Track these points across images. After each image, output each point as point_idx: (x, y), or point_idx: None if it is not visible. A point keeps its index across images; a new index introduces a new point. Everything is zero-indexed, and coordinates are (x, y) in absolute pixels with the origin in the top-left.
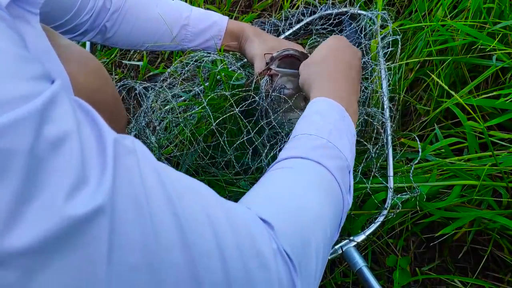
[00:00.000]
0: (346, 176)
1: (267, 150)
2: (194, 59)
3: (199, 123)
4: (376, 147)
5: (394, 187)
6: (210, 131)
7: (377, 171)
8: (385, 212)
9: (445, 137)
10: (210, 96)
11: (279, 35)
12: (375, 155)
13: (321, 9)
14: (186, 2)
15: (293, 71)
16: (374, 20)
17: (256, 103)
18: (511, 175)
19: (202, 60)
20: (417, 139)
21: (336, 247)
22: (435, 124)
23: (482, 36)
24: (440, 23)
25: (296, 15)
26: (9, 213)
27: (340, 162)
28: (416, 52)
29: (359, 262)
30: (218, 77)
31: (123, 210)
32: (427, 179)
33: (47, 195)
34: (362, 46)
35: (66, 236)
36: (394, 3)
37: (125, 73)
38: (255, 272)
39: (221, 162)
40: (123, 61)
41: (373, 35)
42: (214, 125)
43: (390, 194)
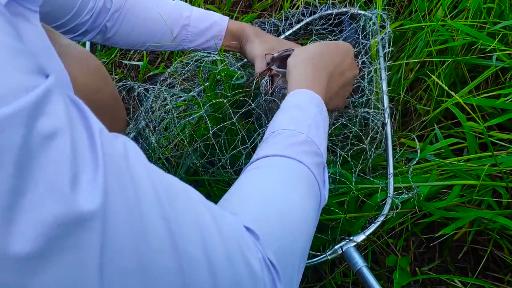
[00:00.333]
0: (321, 171)
1: None
2: (194, 59)
3: (199, 123)
4: (374, 146)
5: (394, 187)
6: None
7: (377, 171)
8: (384, 212)
9: (445, 137)
10: (209, 102)
11: (279, 35)
12: (372, 155)
13: (321, 9)
14: (186, 2)
15: None
16: (374, 20)
17: (255, 103)
18: (511, 175)
19: (202, 60)
20: (416, 140)
21: (336, 247)
22: (435, 124)
23: (482, 36)
24: (440, 23)
25: (296, 15)
26: (5, 206)
27: (318, 159)
28: (416, 52)
29: (359, 262)
30: (218, 77)
31: (115, 213)
32: (427, 179)
33: (39, 192)
34: (361, 46)
35: (59, 237)
36: (394, 3)
37: (125, 73)
38: (243, 281)
39: (220, 161)
40: (123, 61)
41: (373, 35)
42: (211, 133)
43: (390, 194)
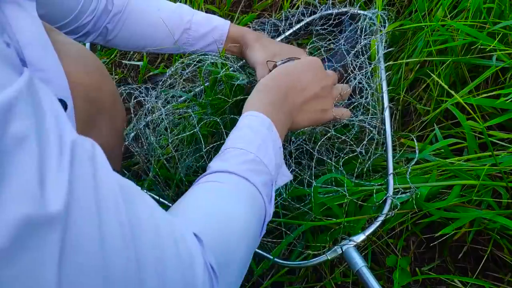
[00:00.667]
0: (269, 188)
1: None
2: (195, 60)
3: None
4: (373, 148)
5: (393, 188)
6: (209, 132)
7: (377, 173)
8: (384, 212)
9: (445, 137)
10: (209, 103)
11: (279, 35)
12: (372, 157)
13: (321, 9)
14: (186, 2)
15: None
16: (374, 20)
17: None
18: (511, 175)
19: (203, 61)
20: (415, 140)
21: (336, 247)
22: (435, 125)
23: (482, 36)
24: (440, 23)
25: (296, 15)
26: None
27: (265, 177)
28: (416, 52)
29: (359, 262)
30: (218, 76)
31: (76, 215)
32: (427, 180)
33: (11, 192)
34: (361, 46)
35: (25, 236)
36: (394, 3)
37: (125, 73)
38: (188, 283)
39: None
40: (123, 61)
41: (372, 35)
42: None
43: (390, 194)
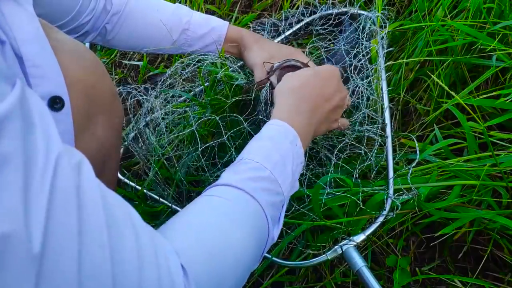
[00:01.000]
0: (278, 210)
1: None
2: (194, 60)
3: (199, 124)
4: (374, 150)
5: (394, 188)
6: (210, 132)
7: (378, 174)
8: (384, 212)
9: (445, 137)
10: (209, 103)
11: (279, 35)
12: (371, 157)
13: (321, 9)
14: (185, 2)
15: None
16: (374, 20)
17: (255, 113)
18: (511, 175)
19: (202, 60)
20: (415, 141)
21: (336, 247)
22: (435, 125)
23: (482, 36)
24: (440, 23)
25: (296, 15)
26: None
27: (275, 198)
28: (416, 52)
29: (359, 262)
30: (218, 76)
31: (55, 238)
32: (427, 180)
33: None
34: (362, 47)
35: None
36: (394, 3)
37: (125, 73)
38: None
39: (220, 161)
40: (123, 61)
41: (372, 35)
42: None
43: (390, 195)
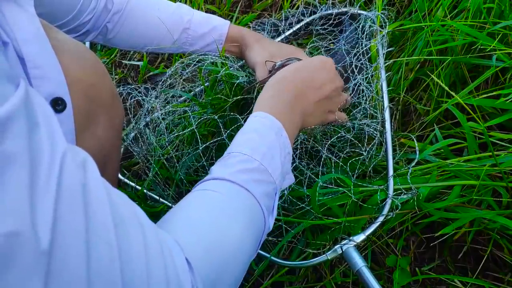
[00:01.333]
0: (272, 199)
1: None
2: (194, 60)
3: (199, 123)
4: (374, 149)
5: (394, 188)
6: (210, 132)
7: (377, 173)
8: (384, 212)
9: (445, 137)
10: (209, 103)
11: (279, 35)
12: (370, 157)
13: (321, 9)
14: (186, 2)
15: None
16: (374, 20)
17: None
18: (511, 175)
19: (203, 60)
20: (415, 140)
21: (336, 247)
22: (435, 125)
23: (482, 36)
24: (440, 23)
25: (296, 15)
26: None
27: (268, 187)
28: (416, 52)
29: (359, 262)
30: (218, 75)
31: (62, 237)
32: (427, 180)
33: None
34: (362, 47)
35: (7, 255)
36: (394, 3)
37: (125, 73)
38: None
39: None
40: (123, 61)
41: (373, 35)
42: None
43: (390, 195)
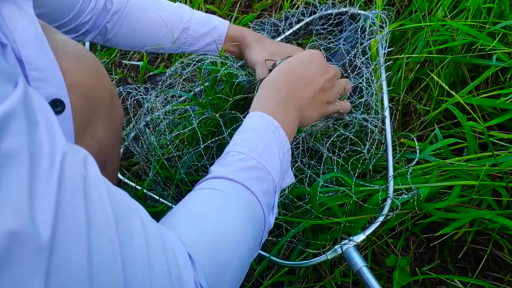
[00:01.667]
0: (271, 197)
1: None
2: (194, 60)
3: (199, 123)
4: (374, 148)
5: (394, 188)
6: (210, 131)
7: (377, 173)
8: (384, 212)
9: (445, 137)
10: (209, 103)
11: (279, 35)
12: (372, 160)
13: (321, 9)
14: (185, 2)
15: None
16: (374, 20)
17: None
18: (511, 175)
19: (202, 60)
20: (415, 140)
21: (336, 247)
22: (435, 125)
23: (482, 36)
24: (440, 23)
25: (296, 15)
26: None
27: (267, 185)
28: (416, 52)
29: (359, 262)
30: (218, 75)
31: (64, 233)
32: (427, 180)
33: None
34: (362, 46)
35: (13, 251)
36: (394, 3)
37: (125, 73)
38: None
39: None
40: (123, 61)
41: (373, 34)
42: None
43: (390, 195)
